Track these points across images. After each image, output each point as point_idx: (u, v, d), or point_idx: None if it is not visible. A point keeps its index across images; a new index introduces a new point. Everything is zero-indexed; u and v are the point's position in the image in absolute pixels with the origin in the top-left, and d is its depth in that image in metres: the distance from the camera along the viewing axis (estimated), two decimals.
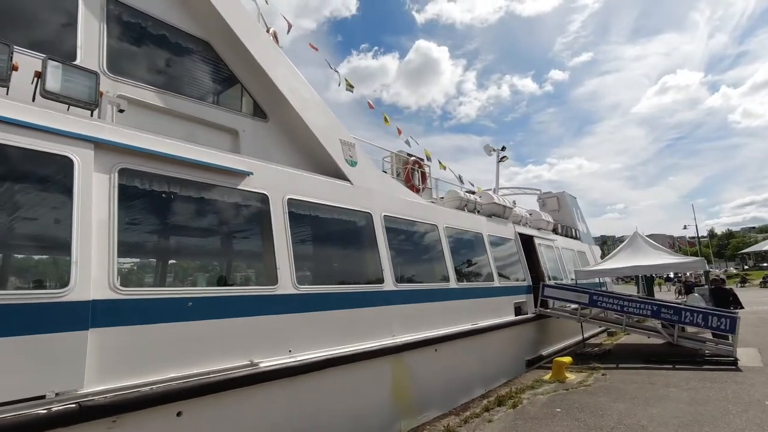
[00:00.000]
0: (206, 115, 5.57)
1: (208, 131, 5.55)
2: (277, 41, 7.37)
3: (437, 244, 8.32)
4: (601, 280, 17.36)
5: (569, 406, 6.50)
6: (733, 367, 8.33)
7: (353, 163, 6.95)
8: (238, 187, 5.05)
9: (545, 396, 7.20)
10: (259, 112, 6.30)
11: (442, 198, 10.42)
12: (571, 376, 8.54)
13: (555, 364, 8.65)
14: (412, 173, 8.93)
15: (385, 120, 11.84)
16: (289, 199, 5.58)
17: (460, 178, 14.58)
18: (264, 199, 5.33)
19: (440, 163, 13.52)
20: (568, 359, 8.74)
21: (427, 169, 9.62)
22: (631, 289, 24.20)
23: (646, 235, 14.36)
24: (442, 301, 7.87)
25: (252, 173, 5.18)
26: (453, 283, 8.22)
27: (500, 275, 10.02)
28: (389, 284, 6.67)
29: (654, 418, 5.73)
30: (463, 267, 8.99)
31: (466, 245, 9.39)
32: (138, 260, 5.84)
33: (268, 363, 4.65)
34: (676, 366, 8.77)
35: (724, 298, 12.16)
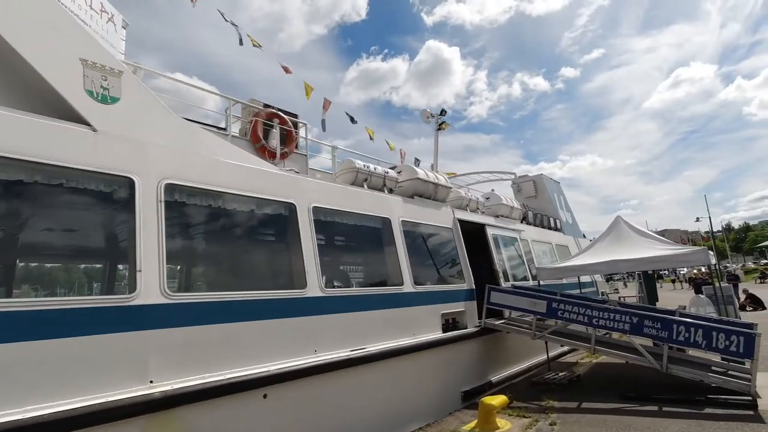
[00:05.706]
0: None
1: None
2: None
3: (293, 234, 5.57)
4: (591, 279, 14.37)
5: None
6: (750, 411, 5.44)
7: (107, 99, 4.26)
8: None
9: None
10: None
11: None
12: (505, 426, 5.73)
13: (481, 408, 5.84)
14: (265, 132, 6.14)
15: (306, 93, 9.42)
16: None
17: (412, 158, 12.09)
18: None
19: (367, 130, 10.91)
20: (500, 400, 5.89)
21: (302, 130, 6.82)
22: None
23: (659, 231, 11.61)
24: (290, 318, 5.12)
25: None
26: (315, 290, 5.45)
27: (418, 276, 7.21)
28: (152, 294, 3.96)
29: None
30: (346, 266, 6.24)
31: (356, 235, 6.62)
32: None
33: None
34: (664, 408, 5.91)
35: None
